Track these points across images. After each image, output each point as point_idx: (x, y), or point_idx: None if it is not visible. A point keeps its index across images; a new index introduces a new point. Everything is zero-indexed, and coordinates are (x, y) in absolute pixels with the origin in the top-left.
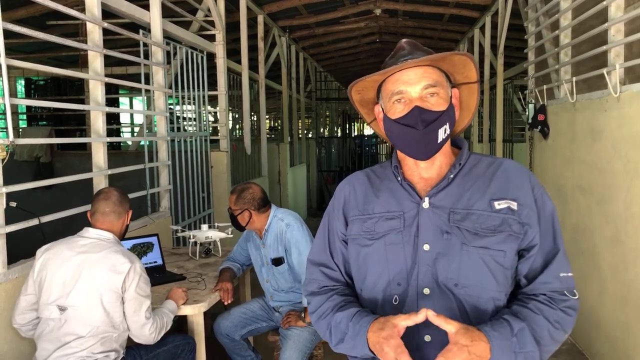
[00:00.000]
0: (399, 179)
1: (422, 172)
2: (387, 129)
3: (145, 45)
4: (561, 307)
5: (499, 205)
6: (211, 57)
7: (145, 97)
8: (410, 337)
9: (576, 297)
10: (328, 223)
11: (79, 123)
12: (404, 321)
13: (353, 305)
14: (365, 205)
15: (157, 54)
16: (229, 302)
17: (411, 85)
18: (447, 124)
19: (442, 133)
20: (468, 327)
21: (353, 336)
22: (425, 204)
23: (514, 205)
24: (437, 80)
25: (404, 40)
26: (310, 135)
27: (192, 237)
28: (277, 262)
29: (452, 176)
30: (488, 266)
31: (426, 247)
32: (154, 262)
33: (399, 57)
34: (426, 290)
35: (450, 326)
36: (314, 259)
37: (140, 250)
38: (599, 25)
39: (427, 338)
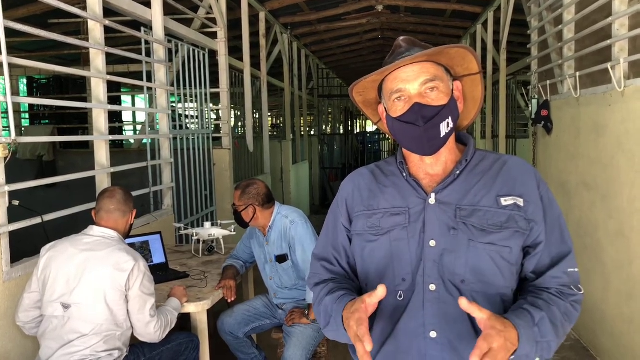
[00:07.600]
0: (405, 174)
1: (428, 168)
2: (390, 127)
3: (147, 42)
4: (570, 301)
5: (506, 201)
6: (213, 54)
7: (147, 95)
8: (416, 334)
9: (582, 292)
10: (332, 219)
11: (82, 121)
12: (369, 298)
13: (343, 290)
14: (370, 200)
15: (159, 51)
16: (232, 299)
17: (410, 82)
18: (450, 117)
19: (445, 127)
20: (497, 315)
21: (335, 317)
22: (432, 199)
23: (520, 201)
24: (435, 75)
25: (401, 38)
26: (312, 133)
27: (195, 234)
28: (281, 259)
29: (458, 172)
30: (495, 262)
31: (432, 243)
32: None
33: (397, 56)
34: (432, 286)
35: (482, 314)
36: (317, 254)
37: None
38: (603, 20)
39: (433, 334)
